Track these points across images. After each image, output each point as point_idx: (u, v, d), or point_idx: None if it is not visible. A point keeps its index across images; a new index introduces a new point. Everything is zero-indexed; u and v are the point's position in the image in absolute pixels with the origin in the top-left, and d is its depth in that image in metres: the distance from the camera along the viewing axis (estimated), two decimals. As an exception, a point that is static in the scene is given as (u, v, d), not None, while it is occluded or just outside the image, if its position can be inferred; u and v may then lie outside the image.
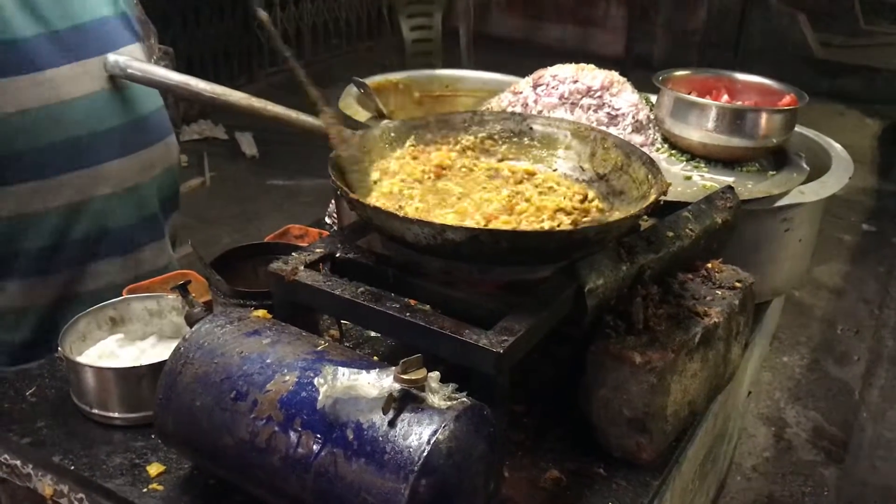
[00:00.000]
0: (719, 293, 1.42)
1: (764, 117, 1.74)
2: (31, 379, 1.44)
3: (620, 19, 8.75)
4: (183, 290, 1.32)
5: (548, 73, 1.83)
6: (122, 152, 1.70)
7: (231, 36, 7.30)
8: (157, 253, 1.83)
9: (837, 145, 1.94)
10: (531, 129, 1.53)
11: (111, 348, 1.45)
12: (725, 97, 1.87)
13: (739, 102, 1.85)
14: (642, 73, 2.16)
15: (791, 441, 3.56)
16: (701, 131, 1.75)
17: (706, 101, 1.79)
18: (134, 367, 1.34)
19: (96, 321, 1.47)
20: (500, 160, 1.51)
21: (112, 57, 1.63)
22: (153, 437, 1.29)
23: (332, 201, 1.98)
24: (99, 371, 1.33)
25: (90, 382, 1.33)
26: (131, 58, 1.66)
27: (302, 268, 1.24)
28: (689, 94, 1.82)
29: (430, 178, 1.41)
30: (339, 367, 1.02)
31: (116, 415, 1.33)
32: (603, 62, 1.97)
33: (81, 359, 1.39)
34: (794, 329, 4.31)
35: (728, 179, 1.71)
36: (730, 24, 8.16)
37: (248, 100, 1.55)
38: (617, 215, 1.32)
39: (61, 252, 1.66)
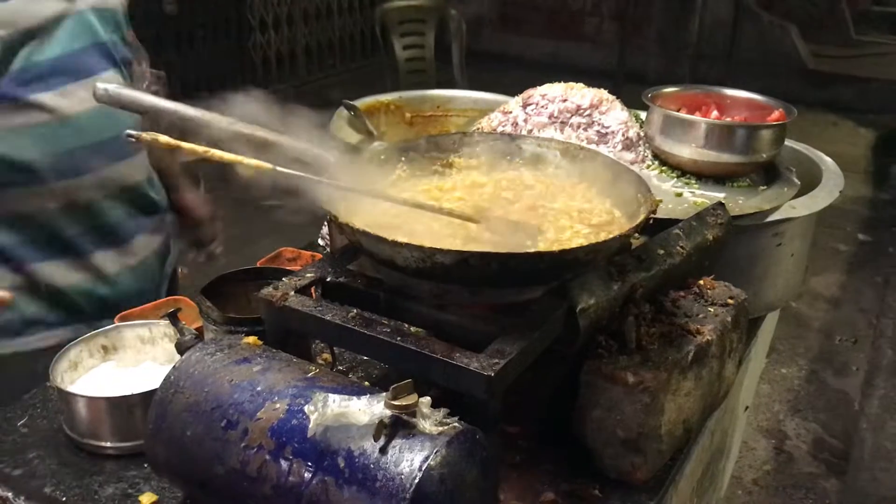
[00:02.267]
0: (712, 310, 1.41)
1: (753, 133, 1.75)
2: (23, 409, 1.43)
3: (613, 34, 8.81)
4: (173, 317, 1.32)
5: (537, 93, 1.84)
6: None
7: (225, 58, 7.32)
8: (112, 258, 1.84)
9: (828, 158, 1.95)
10: (521, 149, 1.53)
11: (103, 377, 1.44)
12: (715, 113, 1.88)
13: (729, 118, 1.86)
14: (636, 88, 2.16)
15: (791, 453, 3.55)
16: (691, 148, 1.75)
17: (696, 117, 1.80)
18: (126, 395, 1.33)
19: (88, 349, 1.46)
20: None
21: (101, 85, 1.64)
22: (145, 466, 1.28)
23: (325, 223, 1.98)
24: (90, 400, 1.32)
25: (82, 412, 1.32)
26: (120, 85, 1.67)
27: (292, 293, 1.24)
28: (678, 110, 1.83)
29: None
30: (330, 395, 1.01)
31: (108, 444, 1.32)
32: (596, 77, 1.98)
33: (73, 388, 1.38)
34: (792, 340, 4.30)
35: (719, 195, 1.71)
36: (722, 36, 8.21)
37: (234, 125, 1.55)
38: (607, 235, 1.32)
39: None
